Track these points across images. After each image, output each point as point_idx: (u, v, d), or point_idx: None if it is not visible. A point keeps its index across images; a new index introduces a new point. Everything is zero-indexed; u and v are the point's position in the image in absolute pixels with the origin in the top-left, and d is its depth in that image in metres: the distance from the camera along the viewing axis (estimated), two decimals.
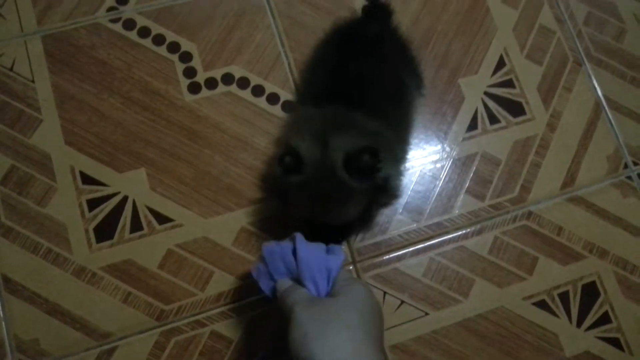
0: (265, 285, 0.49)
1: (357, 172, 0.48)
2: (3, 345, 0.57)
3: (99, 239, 0.61)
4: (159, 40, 0.67)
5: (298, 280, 0.46)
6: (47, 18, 0.67)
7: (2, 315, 0.58)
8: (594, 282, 0.66)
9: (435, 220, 0.66)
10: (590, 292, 0.66)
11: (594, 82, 0.73)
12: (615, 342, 0.65)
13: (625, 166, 0.71)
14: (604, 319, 0.65)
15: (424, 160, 0.68)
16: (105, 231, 0.61)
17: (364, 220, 0.64)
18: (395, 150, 0.58)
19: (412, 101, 0.65)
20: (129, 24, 0.68)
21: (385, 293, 0.63)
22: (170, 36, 0.68)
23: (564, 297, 0.65)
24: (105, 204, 0.62)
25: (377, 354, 0.39)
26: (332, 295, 0.44)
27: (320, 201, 0.50)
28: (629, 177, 0.70)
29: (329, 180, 0.49)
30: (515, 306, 0.64)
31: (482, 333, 0.63)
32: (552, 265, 0.66)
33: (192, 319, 0.60)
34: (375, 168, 0.48)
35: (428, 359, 0.61)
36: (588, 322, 0.65)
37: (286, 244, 0.48)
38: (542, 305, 0.65)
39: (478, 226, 0.66)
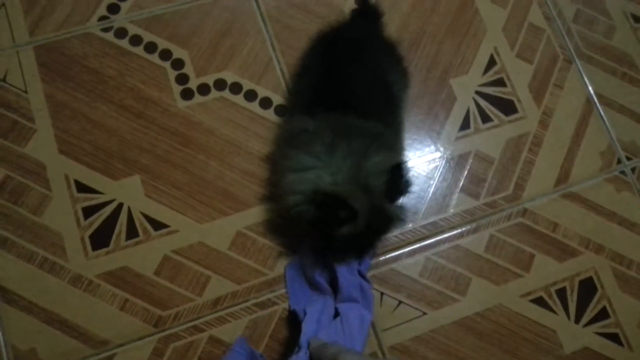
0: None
1: (398, 197, 0.54)
2: (0, 356, 0.60)
3: (95, 247, 0.64)
4: (150, 48, 0.71)
5: None
6: (39, 29, 0.70)
7: None
8: (590, 278, 0.69)
9: (431, 219, 0.69)
10: (588, 288, 0.69)
11: (585, 79, 0.77)
12: (614, 338, 0.68)
13: (619, 161, 0.74)
14: (602, 315, 0.68)
15: (418, 161, 0.71)
16: (101, 239, 0.64)
17: None
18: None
19: (402, 102, 0.68)
20: (121, 33, 0.71)
21: (382, 294, 0.66)
22: (162, 44, 0.71)
23: (562, 294, 0.68)
24: (100, 212, 0.65)
25: None
26: None
27: (372, 240, 0.57)
28: (623, 172, 0.74)
29: (382, 223, 0.54)
30: (513, 303, 0.67)
31: (481, 331, 0.66)
32: (548, 262, 0.69)
33: (190, 324, 0.63)
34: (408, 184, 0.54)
35: (427, 358, 0.64)
36: (586, 317, 0.68)
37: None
38: (539, 302, 0.68)
39: (473, 225, 0.70)
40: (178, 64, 0.71)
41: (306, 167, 0.53)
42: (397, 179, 0.52)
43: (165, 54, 0.71)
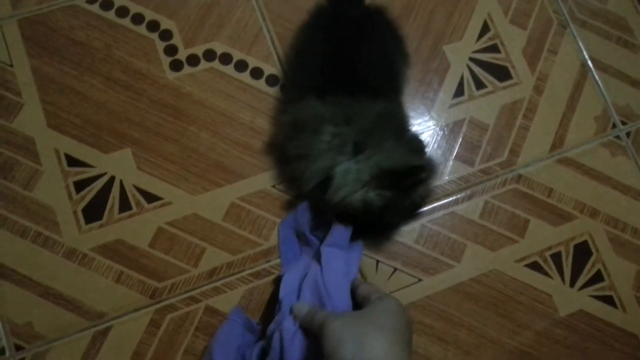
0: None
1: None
2: None
3: (88, 220, 0.64)
4: (137, 19, 0.71)
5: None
6: (22, 1, 0.70)
7: None
8: (585, 242, 0.71)
9: None
10: (583, 252, 0.70)
11: (579, 43, 0.77)
12: (608, 300, 0.69)
13: (614, 126, 0.75)
14: (597, 278, 0.70)
15: (412, 129, 0.72)
16: (93, 212, 0.64)
17: None
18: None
19: (403, 81, 0.69)
20: (107, 4, 0.71)
21: (378, 261, 0.67)
22: (149, 15, 0.71)
23: (557, 258, 0.70)
24: (92, 185, 0.65)
25: (409, 355, 0.43)
26: (365, 305, 0.49)
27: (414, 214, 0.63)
28: (617, 137, 0.75)
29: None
30: (508, 269, 0.68)
31: (476, 296, 0.67)
32: (543, 227, 0.70)
33: (186, 295, 0.64)
34: None
35: (423, 324, 0.66)
36: (581, 281, 0.69)
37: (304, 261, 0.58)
38: (534, 266, 0.69)
39: (468, 191, 0.70)
40: (166, 35, 0.70)
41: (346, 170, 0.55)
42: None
43: (153, 25, 0.71)
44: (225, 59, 0.70)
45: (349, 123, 0.56)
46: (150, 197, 0.66)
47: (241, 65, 0.70)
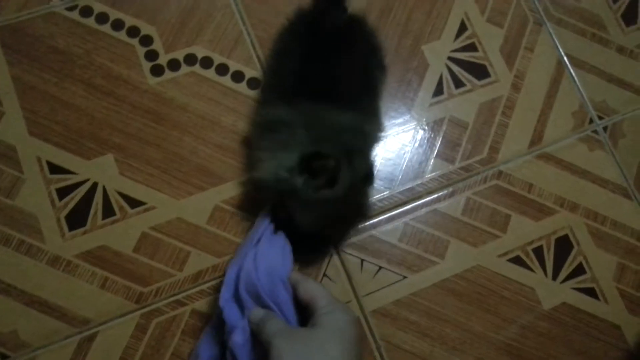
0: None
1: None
2: None
3: (72, 227, 0.64)
4: (117, 25, 0.71)
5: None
6: (1, 9, 0.70)
7: None
8: (566, 236, 0.72)
9: (408, 186, 0.71)
10: (564, 245, 0.71)
11: (555, 41, 0.79)
12: (590, 292, 0.70)
13: (591, 121, 0.76)
14: (579, 270, 0.71)
15: (393, 128, 0.73)
16: (77, 219, 0.64)
17: None
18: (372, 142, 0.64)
19: (380, 89, 0.69)
20: (86, 11, 0.71)
21: (362, 260, 0.67)
22: (129, 20, 0.71)
23: (538, 252, 0.71)
24: (75, 192, 0.65)
25: None
26: (313, 323, 0.47)
27: (338, 219, 0.59)
28: (595, 131, 0.76)
29: (353, 199, 0.56)
30: (491, 264, 0.69)
31: (460, 292, 0.68)
32: (524, 222, 0.71)
33: (171, 299, 0.64)
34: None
35: (409, 320, 0.66)
36: (563, 274, 0.70)
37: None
38: (517, 261, 0.70)
39: (450, 189, 0.71)
40: (146, 40, 0.71)
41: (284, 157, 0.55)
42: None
43: (133, 31, 0.71)
44: (206, 63, 0.71)
45: (308, 129, 0.55)
46: (134, 203, 0.66)
47: (222, 69, 0.71)
